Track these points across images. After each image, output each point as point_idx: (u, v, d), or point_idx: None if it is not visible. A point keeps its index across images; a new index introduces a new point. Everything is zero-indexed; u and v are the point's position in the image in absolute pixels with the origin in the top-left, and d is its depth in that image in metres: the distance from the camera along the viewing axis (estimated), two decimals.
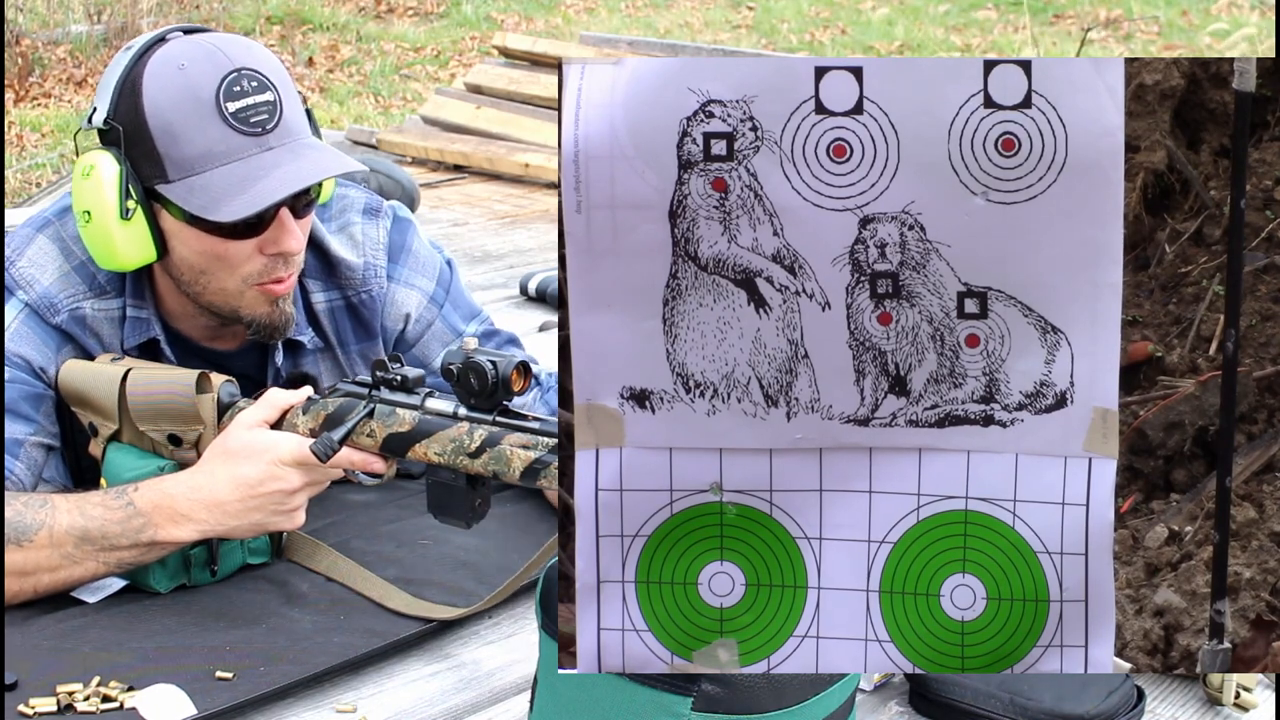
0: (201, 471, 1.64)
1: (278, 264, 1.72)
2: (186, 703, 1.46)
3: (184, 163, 1.65)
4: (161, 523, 1.61)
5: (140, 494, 1.63)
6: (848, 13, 10.51)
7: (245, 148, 1.64)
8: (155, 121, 1.64)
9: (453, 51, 9.77)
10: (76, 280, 1.76)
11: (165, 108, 1.64)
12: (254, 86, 1.65)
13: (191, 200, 1.65)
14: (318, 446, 1.58)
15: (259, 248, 1.70)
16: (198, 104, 1.63)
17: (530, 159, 4.96)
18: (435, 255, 1.98)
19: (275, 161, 1.65)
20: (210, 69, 1.64)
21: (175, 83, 1.64)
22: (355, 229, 1.91)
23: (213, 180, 1.64)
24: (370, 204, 1.93)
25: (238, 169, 1.64)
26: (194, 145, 1.64)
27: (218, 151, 1.64)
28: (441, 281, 1.96)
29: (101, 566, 1.63)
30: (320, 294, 1.89)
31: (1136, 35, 9.63)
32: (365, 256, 1.90)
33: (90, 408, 1.75)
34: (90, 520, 1.61)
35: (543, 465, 1.47)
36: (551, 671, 1.25)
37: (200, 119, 1.63)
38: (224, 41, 1.69)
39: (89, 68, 8.78)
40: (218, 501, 1.61)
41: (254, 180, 1.63)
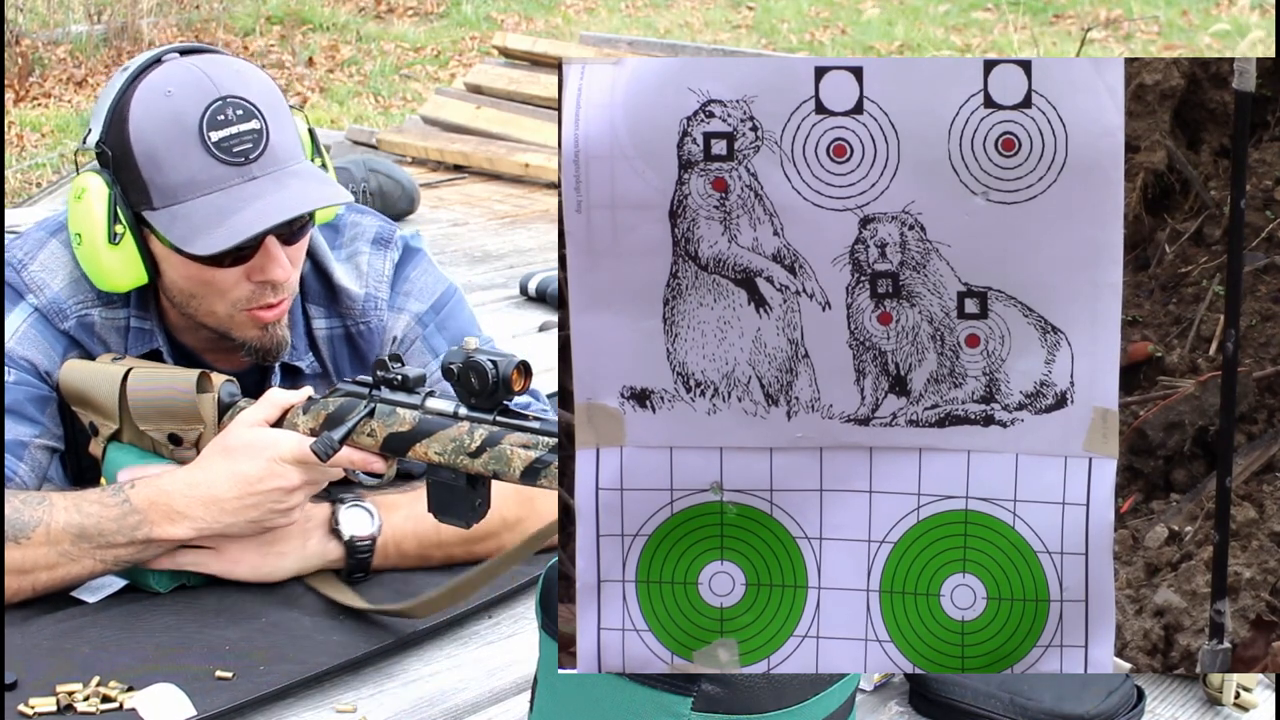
0: (199, 468, 1.63)
1: (265, 291, 1.71)
2: (186, 703, 1.45)
3: (168, 190, 1.65)
4: (157, 520, 1.61)
5: (136, 491, 1.62)
6: (848, 13, 10.51)
7: (227, 177, 1.64)
8: (140, 148, 1.64)
9: (453, 51, 9.77)
10: (87, 286, 1.76)
11: (150, 134, 1.64)
12: (238, 115, 1.64)
13: (173, 230, 1.65)
14: (318, 446, 1.57)
15: (246, 275, 1.70)
16: (181, 132, 1.63)
17: (530, 159, 4.96)
18: (438, 282, 1.95)
19: (256, 193, 1.64)
20: (196, 96, 1.64)
21: (161, 109, 1.64)
22: (362, 259, 1.90)
23: (193, 210, 1.64)
24: (381, 234, 1.92)
25: (218, 200, 1.63)
26: (177, 173, 1.64)
27: (200, 180, 1.64)
28: (436, 305, 1.94)
29: (99, 564, 1.62)
30: (322, 320, 1.89)
31: (1136, 35, 9.63)
32: (368, 288, 1.89)
33: (90, 407, 1.75)
34: (87, 517, 1.61)
35: (543, 465, 1.47)
36: (551, 671, 1.25)
37: (183, 147, 1.63)
38: (214, 67, 1.68)
39: (89, 68, 8.78)
40: (215, 498, 1.61)
41: (232, 212, 1.63)
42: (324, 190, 1.70)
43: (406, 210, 4.21)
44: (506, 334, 3.11)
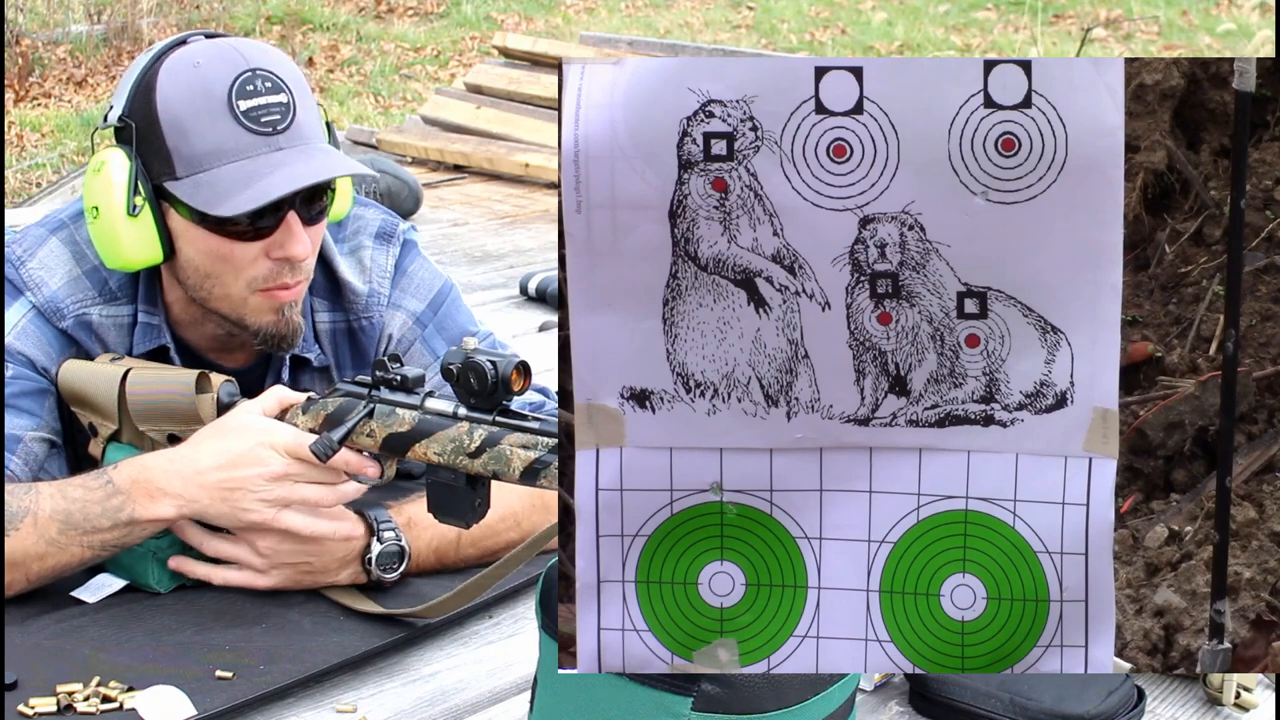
0: (188, 445, 1.63)
1: (283, 269, 1.71)
2: (186, 704, 1.45)
3: (193, 159, 1.65)
4: (140, 499, 1.60)
5: (119, 472, 1.62)
6: (848, 13, 10.51)
7: (255, 146, 1.64)
8: (167, 117, 1.65)
9: (453, 51, 9.77)
10: (86, 285, 1.76)
11: (177, 104, 1.64)
12: (268, 87, 1.65)
13: (197, 196, 1.65)
14: (317, 446, 1.57)
15: (265, 251, 1.69)
16: (209, 100, 1.64)
17: (530, 159, 4.96)
18: (434, 278, 1.95)
19: (283, 161, 1.65)
20: (224, 68, 1.65)
21: (189, 79, 1.65)
22: (365, 253, 1.90)
23: (219, 177, 1.64)
24: (384, 228, 1.93)
25: (245, 166, 1.64)
26: (204, 141, 1.64)
27: (227, 149, 1.64)
28: (433, 304, 1.93)
29: (87, 551, 1.61)
30: (325, 314, 1.89)
31: (1136, 35, 9.63)
32: (371, 283, 1.89)
33: (90, 408, 1.74)
34: (72, 503, 1.60)
35: (543, 465, 1.47)
36: (551, 671, 1.25)
37: (211, 116, 1.64)
38: (243, 44, 1.70)
39: (89, 68, 8.78)
40: (196, 471, 1.59)
41: (259, 177, 1.63)
42: (349, 162, 1.72)
43: (411, 210, 4.21)
44: (506, 334, 3.10)
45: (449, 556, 1.75)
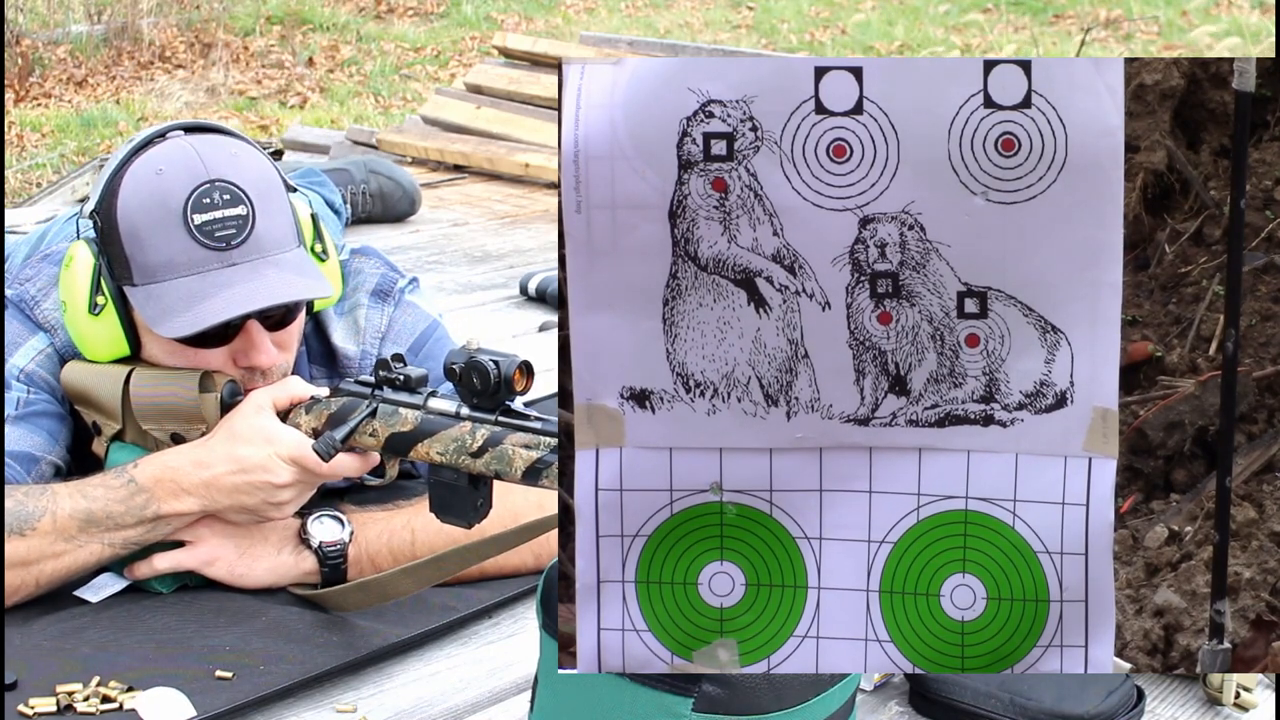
0: (203, 447, 1.65)
1: (254, 375, 1.72)
2: (186, 705, 1.46)
3: (147, 269, 1.65)
4: (164, 496, 1.62)
5: (140, 470, 1.64)
6: (848, 13, 10.51)
7: (205, 261, 1.63)
8: (125, 225, 1.65)
9: (453, 51, 9.77)
10: None
11: (136, 212, 1.65)
12: (225, 199, 1.64)
13: (147, 309, 1.65)
14: (320, 446, 1.58)
15: (231, 358, 1.70)
16: (165, 213, 1.63)
17: (530, 159, 4.96)
18: (418, 320, 1.95)
19: (229, 280, 1.63)
20: (184, 177, 1.64)
21: (149, 188, 1.65)
22: (361, 313, 1.91)
23: (167, 291, 1.64)
24: (382, 284, 1.93)
25: (192, 283, 1.63)
26: (158, 253, 1.64)
27: (179, 262, 1.64)
28: (414, 346, 1.93)
29: (107, 550, 1.63)
30: (323, 381, 1.90)
31: (1136, 35, 9.63)
32: (364, 345, 1.90)
33: (93, 407, 1.75)
34: (93, 501, 1.61)
35: (545, 465, 1.47)
36: (551, 671, 1.25)
37: (165, 228, 1.63)
38: (210, 148, 1.68)
39: (89, 68, 8.79)
40: (214, 477, 1.62)
41: (202, 298, 1.62)
42: (300, 283, 1.68)
43: (407, 211, 4.19)
44: (506, 334, 3.11)
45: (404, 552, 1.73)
